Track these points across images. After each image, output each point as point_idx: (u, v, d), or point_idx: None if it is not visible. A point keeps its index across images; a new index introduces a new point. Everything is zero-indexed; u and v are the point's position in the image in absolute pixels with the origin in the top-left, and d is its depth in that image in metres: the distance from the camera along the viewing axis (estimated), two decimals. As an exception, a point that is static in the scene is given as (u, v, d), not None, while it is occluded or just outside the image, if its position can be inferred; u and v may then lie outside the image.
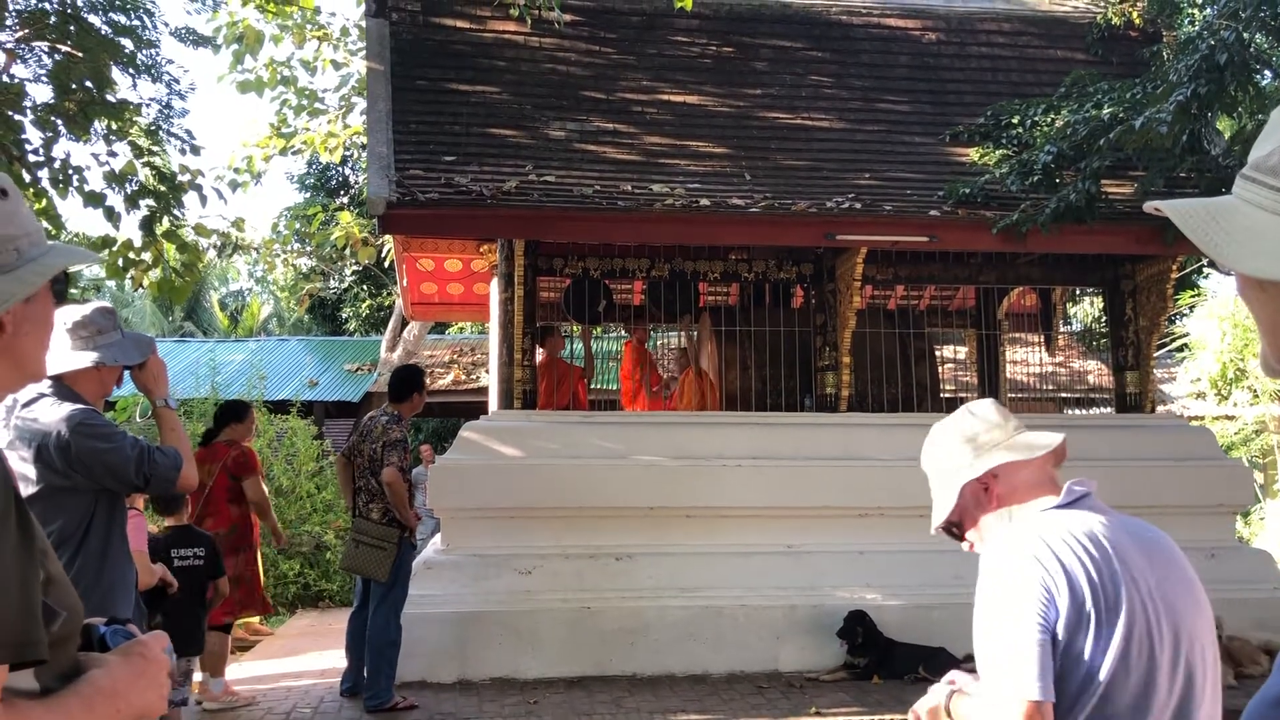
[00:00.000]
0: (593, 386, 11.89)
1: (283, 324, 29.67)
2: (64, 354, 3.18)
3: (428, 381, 7.96)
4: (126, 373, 3.40)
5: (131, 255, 7.72)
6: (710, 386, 9.36)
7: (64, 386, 3.18)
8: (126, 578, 3.26)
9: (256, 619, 9.51)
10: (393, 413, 6.65)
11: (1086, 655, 1.83)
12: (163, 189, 7.00)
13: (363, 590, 6.76)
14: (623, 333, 13.53)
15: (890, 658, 7.12)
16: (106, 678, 1.30)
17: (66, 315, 3.23)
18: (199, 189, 7.87)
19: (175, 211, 7.22)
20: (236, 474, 6.99)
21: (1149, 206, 1.09)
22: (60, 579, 1.28)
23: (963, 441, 2.15)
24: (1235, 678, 6.67)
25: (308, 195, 23.15)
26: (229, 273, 34.17)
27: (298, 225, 17.36)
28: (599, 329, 17.33)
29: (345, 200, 20.34)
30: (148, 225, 7.20)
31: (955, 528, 2.22)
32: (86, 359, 3.18)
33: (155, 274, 7.85)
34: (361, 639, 6.64)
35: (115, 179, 7.24)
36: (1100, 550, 1.89)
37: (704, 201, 7.78)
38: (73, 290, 9.04)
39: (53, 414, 3.10)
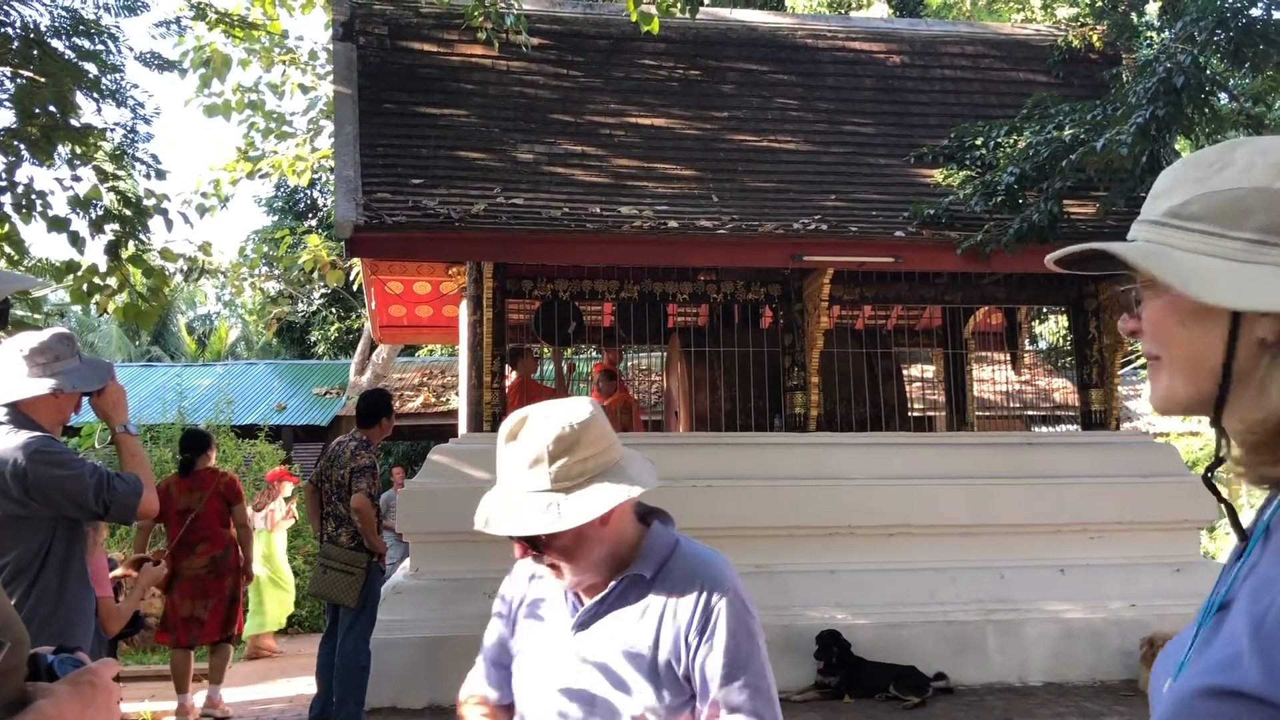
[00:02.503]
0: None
1: (251, 348, 29.48)
2: (21, 381, 3.15)
3: (396, 405, 7.97)
4: (85, 399, 3.38)
5: (96, 280, 7.65)
6: (637, 411, 9.35)
7: (20, 414, 3.14)
8: (85, 607, 3.22)
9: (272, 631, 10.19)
10: (361, 438, 6.62)
11: None
12: (128, 213, 6.94)
13: (332, 616, 6.71)
14: (594, 354, 13.54)
15: (861, 676, 7.14)
16: (54, 708, 1.28)
17: (24, 342, 3.20)
18: (164, 213, 7.82)
19: (141, 236, 7.16)
20: (230, 499, 7.26)
21: (1049, 259, 1.19)
22: (5, 609, 1.26)
23: None
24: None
25: (275, 219, 23.04)
26: (196, 297, 33.95)
27: (265, 249, 17.25)
28: (570, 350, 17.38)
29: (313, 223, 20.28)
30: (113, 250, 7.14)
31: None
32: (44, 386, 3.15)
33: (121, 299, 7.78)
34: (331, 665, 6.58)
35: (79, 204, 7.18)
36: None
37: (672, 223, 7.82)
38: (36, 316, 8.95)
39: (9, 442, 3.06)
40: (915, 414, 13.12)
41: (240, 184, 15.42)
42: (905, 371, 11.38)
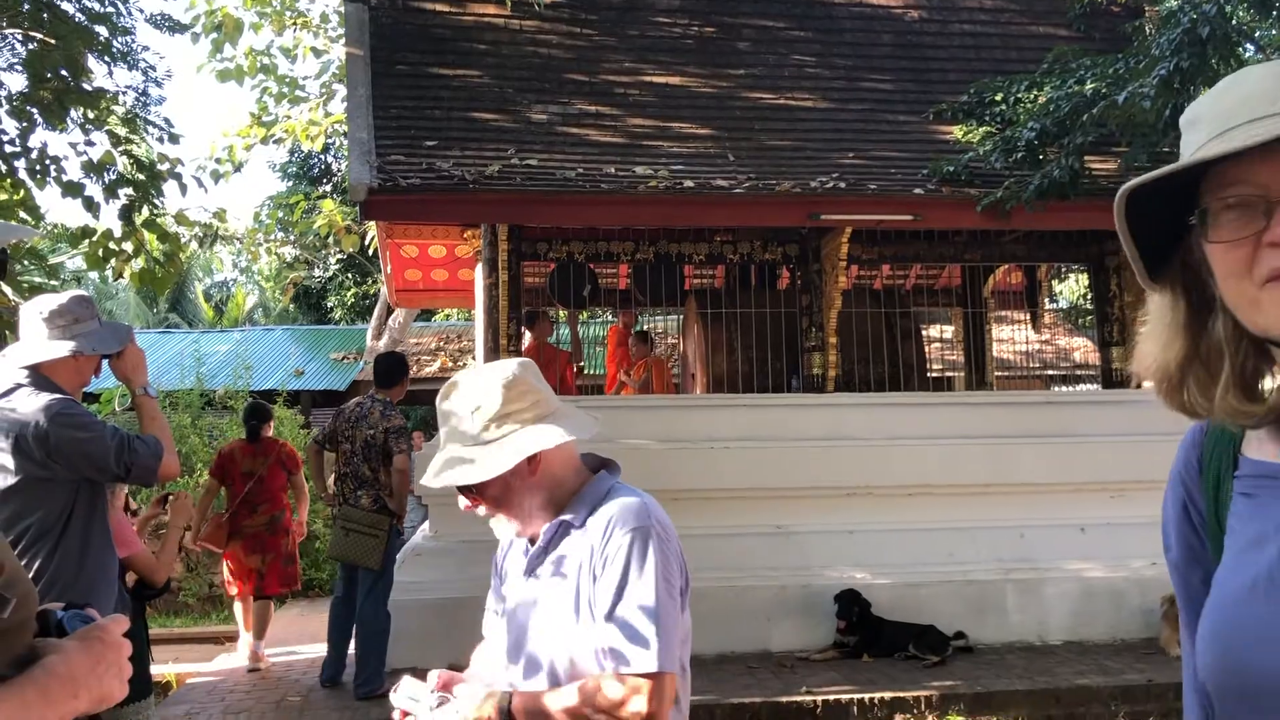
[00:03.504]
0: (588, 372, 11.90)
1: (268, 314, 29.55)
2: (41, 343, 3.14)
3: (413, 370, 8.03)
4: (105, 362, 3.37)
5: (112, 245, 7.65)
6: (670, 375, 9.36)
7: (41, 376, 3.14)
8: (109, 569, 3.23)
9: None
10: (384, 399, 6.63)
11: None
12: (141, 178, 6.92)
13: (346, 578, 6.72)
14: (609, 318, 13.52)
15: (880, 636, 7.14)
16: (63, 664, 1.27)
17: (43, 304, 3.19)
18: (179, 178, 7.79)
19: (155, 200, 7.14)
20: (291, 468, 7.78)
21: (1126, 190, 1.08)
22: (10, 564, 1.25)
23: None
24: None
25: (290, 184, 23.00)
26: (213, 264, 34.00)
27: (280, 214, 17.23)
28: (585, 314, 17.33)
29: (328, 188, 20.23)
30: (127, 215, 7.13)
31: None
32: (63, 348, 3.14)
33: (136, 264, 7.78)
34: (346, 627, 6.61)
35: (93, 168, 7.16)
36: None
37: (688, 183, 7.75)
38: (53, 282, 8.97)
39: (30, 404, 3.06)
40: (934, 374, 13.06)
41: (254, 150, 15.39)
42: (924, 332, 11.31)
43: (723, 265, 10.08)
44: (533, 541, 2.05)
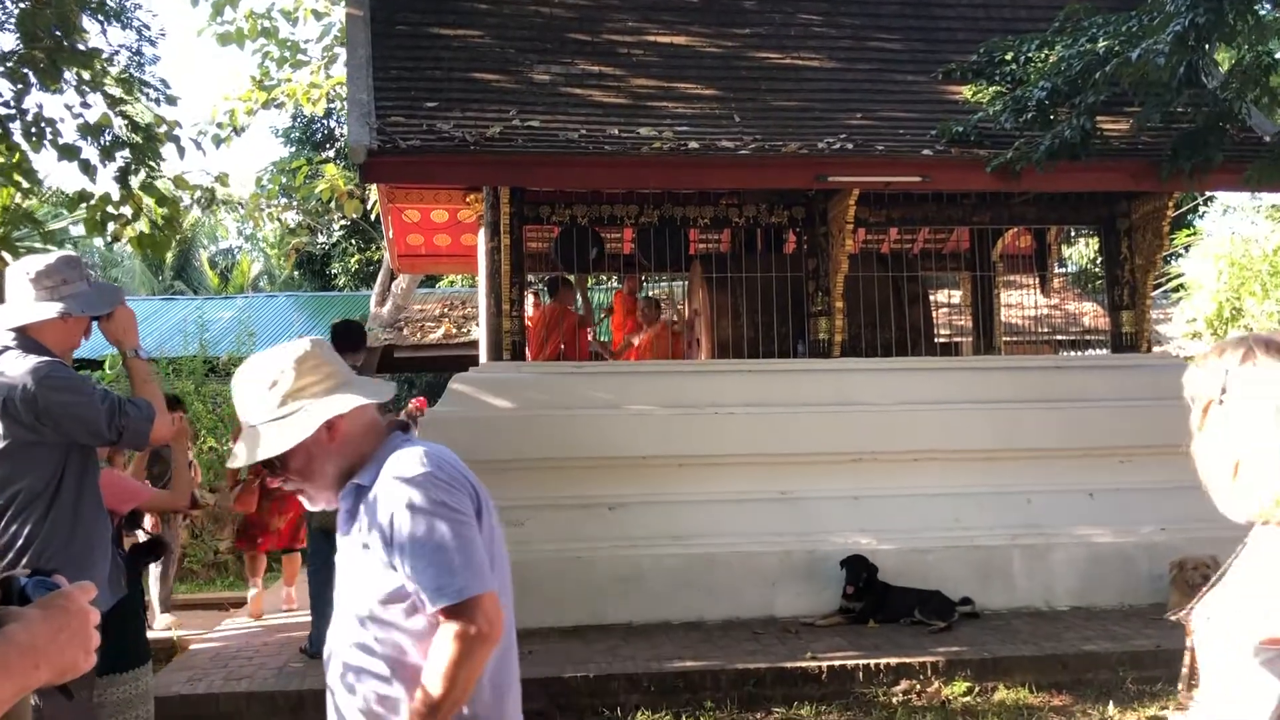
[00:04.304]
0: (601, 339, 11.82)
1: (274, 281, 29.46)
2: (28, 305, 3.08)
3: (417, 337, 7.93)
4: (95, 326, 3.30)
5: (110, 210, 7.56)
6: (681, 341, 9.27)
7: (29, 339, 3.07)
8: (101, 534, 3.17)
9: None
10: (351, 364, 6.64)
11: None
12: (138, 140, 6.82)
13: (324, 546, 6.61)
14: (615, 283, 13.42)
15: (886, 602, 7.10)
16: (24, 632, 1.21)
17: (30, 265, 3.12)
18: (176, 140, 7.69)
19: (151, 163, 7.05)
20: None
21: None
22: None
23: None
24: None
25: (293, 149, 22.84)
26: (218, 231, 33.87)
27: (283, 180, 17.10)
28: (591, 280, 17.22)
29: (331, 153, 20.06)
30: (123, 178, 7.03)
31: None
32: (51, 310, 3.07)
33: (136, 228, 7.69)
34: (326, 598, 6.52)
35: (90, 131, 7.06)
36: None
37: (692, 144, 7.63)
38: (51, 248, 8.88)
39: (18, 367, 2.99)
40: (941, 340, 12.96)
41: (257, 115, 15.23)
42: (931, 296, 11.19)
43: (728, 229, 9.97)
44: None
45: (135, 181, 7.07)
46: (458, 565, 1.92)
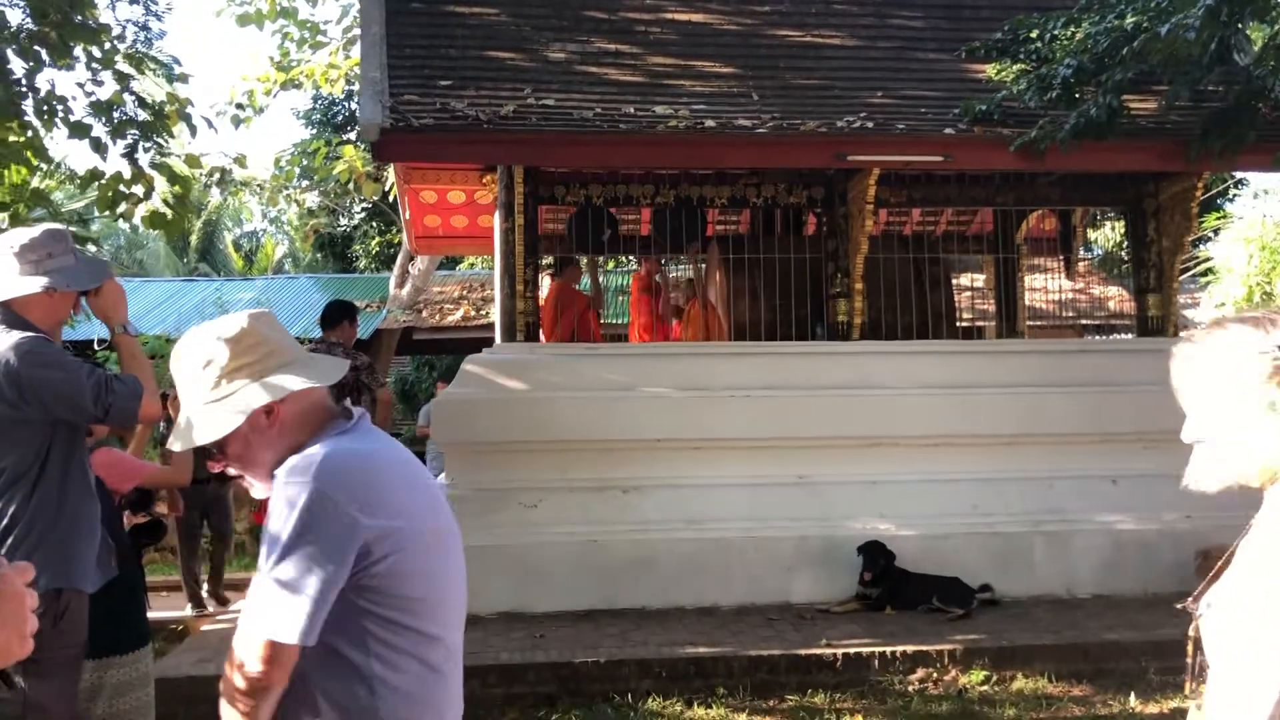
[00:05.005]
0: (609, 320, 11.72)
1: (298, 264, 29.50)
2: (12, 279, 3.00)
3: (436, 319, 7.85)
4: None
5: (122, 188, 7.51)
6: (717, 319, 9.13)
7: (13, 314, 3.00)
8: (89, 515, 3.10)
9: None
10: (337, 341, 6.74)
11: None
12: (146, 117, 6.76)
13: None
14: (634, 265, 13.31)
15: (903, 588, 6.99)
16: None
17: (14, 239, 3.05)
18: (188, 119, 7.62)
19: (158, 139, 6.98)
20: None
21: None
22: None
23: None
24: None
25: (314, 131, 22.81)
26: (243, 213, 33.97)
27: (304, 161, 17.05)
28: (610, 263, 17.09)
29: (351, 135, 20.01)
30: (130, 154, 6.98)
31: None
32: (36, 284, 3.00)
33: (146, 207, 7.65)
34: None
35: (101, 109, 7.00)
36: None
37: (709, 123, 7.50)
38: (69, 225, 8.87)
39: (1, 343, 2.92)
40: (964, 324, 12.77)
41: (278, 96, 15.18)
42: (955, 280, 11.02)
43: (747, 210, 9.83)
44: None
45: (145, 159, 7.01)
46: (284, 604, 1.74)
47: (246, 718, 1.80)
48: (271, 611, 1.75)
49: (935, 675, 5.92)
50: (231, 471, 1.98)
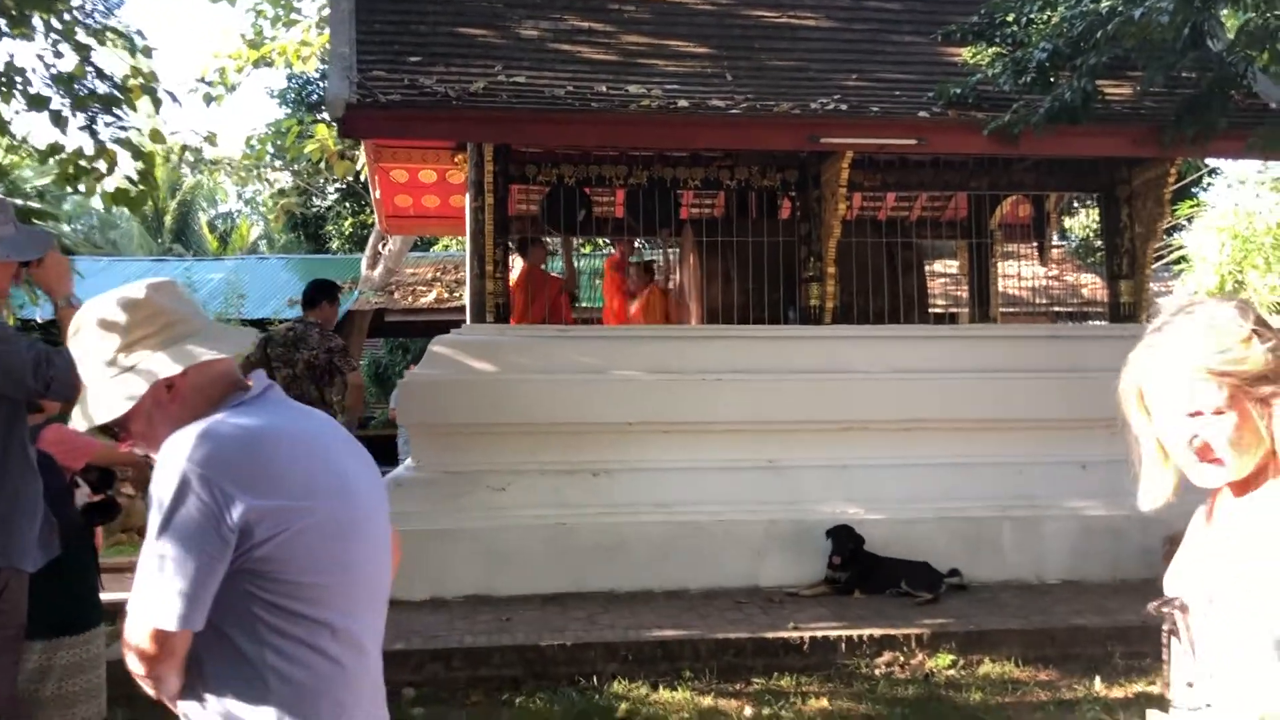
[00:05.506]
0: (585, 304, 11.62)
1: (272, 245, 29.22)
2: (-50, 248, 2.91)
3: (408, 301, 7.78)
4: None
5: (83, 163, 7.36)
6: (675, 305, 9.08)
7: (-50, 284, 2.91)
8: (30, 494, 3.01)
9: None
10: (316, 322, 6.66)
11: None
12: (106, 90, 6.62)
13: None
14: (610, 249, 13.22)
15: (872, 573, 6.97)
16: None
17: (-48, 207, 2.95)
18: (152, 92, 7.48)
19: (116, 112, 6.84)
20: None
21: None
22: None
23: None
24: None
25: (288, 111, 22.58)
26: (218, 194, 33.60)
27: (276, 140, 16.85)
28: (588, 246, 16.98)
29: (325, 116, 19.80)
30: (90, 127, 6.84)
31: None
32: (-27, 253, 2.90)
33: (110, 183, 7.50)
34: None
35: (61, 81, 6.86)
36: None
37: (682, 103, 7.43)
38: (32, 202, 8.70)
39: (-62, 314, 2.83)
40: (937, 310, 12.78)
41: (249, 73, 14.98)
42: (928, 267, 11.00)
43: (721, 193, 9.76)
44: None
45: (107, 134, 6.87)
46: (165, 590, 1.66)
47: (158, 693, 1.76)
48: (151, 596, 1.67)
49: (902, 659, 5.90)
50: (139, 452, 1.88)
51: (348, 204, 21.86)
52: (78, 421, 1.84)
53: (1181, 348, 1.58)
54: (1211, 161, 16.31)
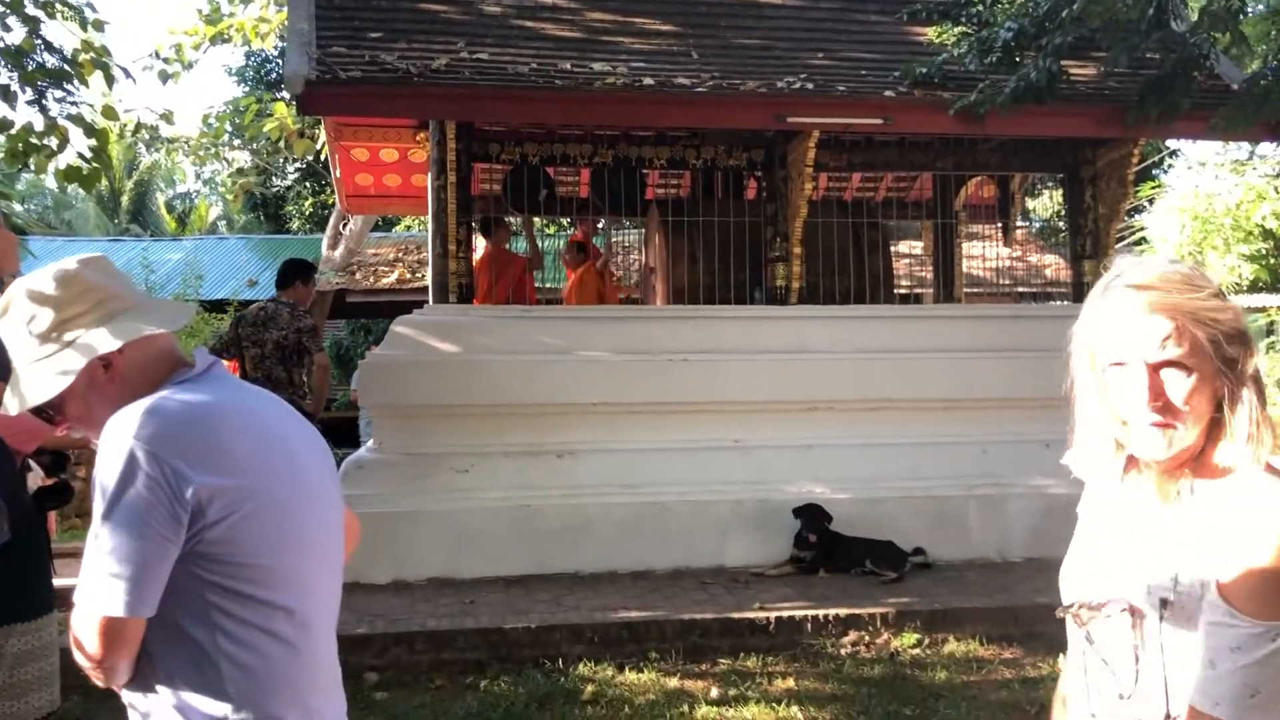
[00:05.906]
0: (548, 285, 11.53)
1: (232, 226, 28.87)
2: (-112, 223, 2.79)
3: (370, 282, 7.72)
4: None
5: (34, 140, 7.18)
6: (610, 287, 9.05)
7: (-112, 259, 2.80)
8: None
9: None
10: (289, 301, 6.55)
11: None
12: (56, 64, 6.45)
13: None
14: (570, 228, 13.13)
15: (837, 552, 6.97)
16: None
17: (-110, 179, 2.84)
18: (105, 68, 7.30)
19: (68, 87, 6.68)
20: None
21: None
22: None
23: None
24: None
25: (246, 89, 22.23)
26: (176, 174, 33.11)
27: (234, 119, 16.58)
28: (552, 226, 16.87)
29: (284, 94, 19.51)
30: (38, 102, 6.67)
31: None
32: (-87, 228, 2.79)
33: (62, 161, 7.33)
34: None
35: (8, 55, 6.67)
36: None
37: (647, 81, 7.35)
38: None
39: (-125, 290, 2.72)
40: (902, 290, 12.81)
41: (208, 52, 14.71)
42: (893, 248, 11.00)
43: (688, 173, 9.70)
44: None
45: (57, 110, 6.71)
46: (114, 577, 1.59)
47: (109, 683, 1.69)
48: (99, 584, 1.60)
49: (867, 638, 5.91)
50: (76, 435, 1.81)
51: (308, 184, 21.58)
52: (10, 404, 1.75)
53: (1159, 291, 1.51)
54: (1172, 143, 16.48)
